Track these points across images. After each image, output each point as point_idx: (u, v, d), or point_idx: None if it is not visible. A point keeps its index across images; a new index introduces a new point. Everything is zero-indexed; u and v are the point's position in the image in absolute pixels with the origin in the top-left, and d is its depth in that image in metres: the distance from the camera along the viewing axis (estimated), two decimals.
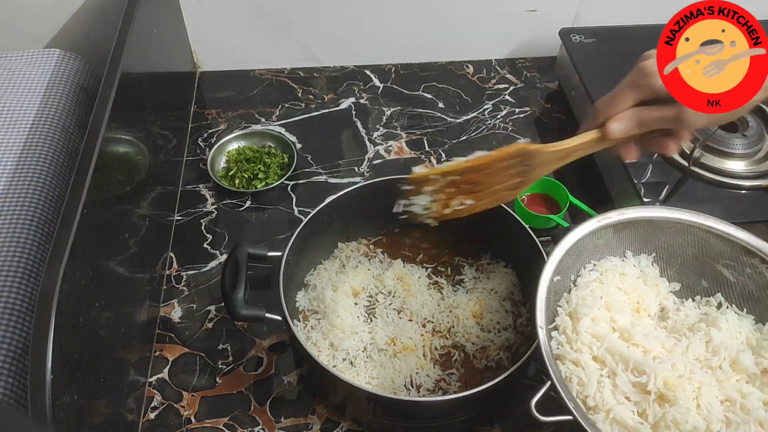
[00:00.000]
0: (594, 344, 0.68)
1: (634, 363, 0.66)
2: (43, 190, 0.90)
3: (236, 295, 0.79)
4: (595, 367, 0.67)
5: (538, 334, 0.65)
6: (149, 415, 0.83)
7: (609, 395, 0.65)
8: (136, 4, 0.95)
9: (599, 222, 0.75)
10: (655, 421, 0.63)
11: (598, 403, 0.65)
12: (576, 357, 0.67)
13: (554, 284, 0.71)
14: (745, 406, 0.64)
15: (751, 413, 0.64)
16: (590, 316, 0.71)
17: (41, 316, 0.60)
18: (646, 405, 0.64)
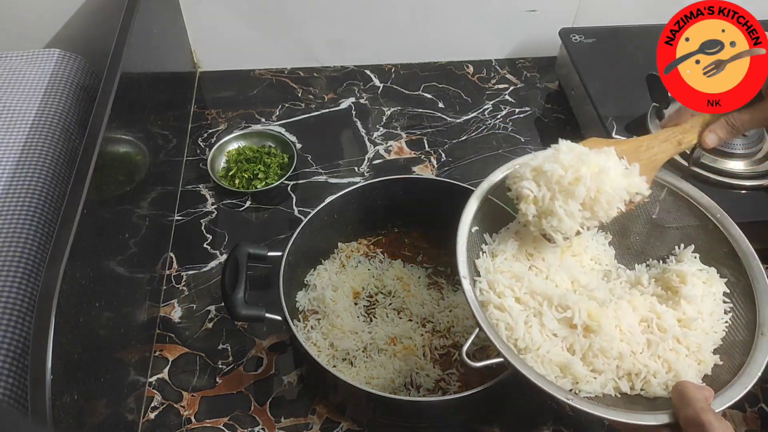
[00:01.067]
0: (515, 286, 0.69)
1: (558, 300, 0.68)
2: (43, 190, 0.90)
3: (236, 295, 0.79)
4: (519, 309, 0.68)
5: (462, 283, 0.67)
6: (149, 415, 0.83)
7: (537, 335, 0.66)
8: (136, 4, 0.95)
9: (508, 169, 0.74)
10: (583, 353, 0.65)
11: (528, 344, 0.66)
12: (500, 302, 0.68)
13: (473, 235, 0.72)
14: (662, 325, 0.67)
15: (668, 331, 0.66)
16: (509, 253, 0.72)
17: (41, 316, 0.60)
18: (573, 339, 0.66)
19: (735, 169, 0.96)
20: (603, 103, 1.08)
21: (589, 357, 0.65)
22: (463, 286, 0.67)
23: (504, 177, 0.74)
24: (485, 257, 0.72)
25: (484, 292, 0.69)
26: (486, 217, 0.74)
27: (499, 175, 0.74)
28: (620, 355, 0.65)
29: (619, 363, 0.65)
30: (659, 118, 1.04)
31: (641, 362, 0.65)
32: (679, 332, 0.66)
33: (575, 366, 0.64)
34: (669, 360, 0.65)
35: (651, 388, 0.65)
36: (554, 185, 0.66)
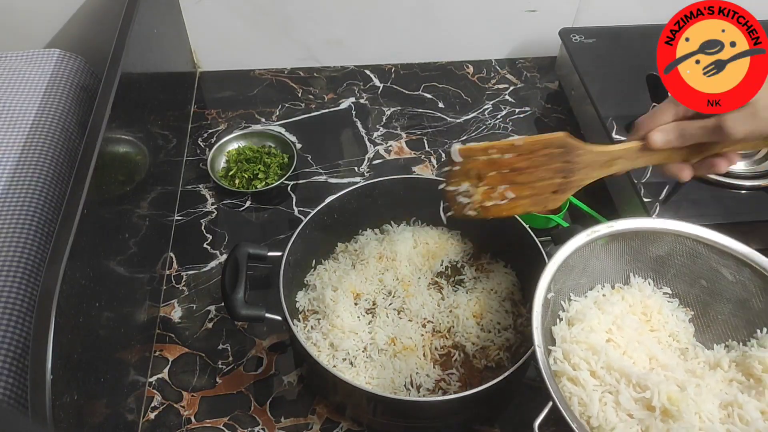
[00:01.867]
0: (591, 358, 0.67)
1: (636, 378, 0.65)
2: (43, 190, 0.90)
3: (236, 295, 0.79)
4: (594, 384, 0.66)
5: (536, 353, 0.65)
6: (149, 415, 0.83)
7: (612, 414, 0.64)
8: (136, 4, 0.95)
9: (589, 236, 0.74)
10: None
11: (602, 423, 0.63)
12: (575, 375, 0.66)
13: (548, 301, 0.70)
14: (743, 416, 0.64)
15: (751, 424, 0.63)
16: (587, 323, 0.70)
17: (41, 316, 0.60)
18: (650, 422, 0.63)
19: (735, 170, 0.96)
20: (603, 103, 1.08)
21: None
22: (537, 354, 0.64)
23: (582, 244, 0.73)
24: (562, 324, 0.70)
25: (558, 362, 0.67)
26: (564, 284, 0.73)
27: (579, 242, 0.73)
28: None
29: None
30: None
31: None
32: (762, 426, 0.63)
33: None
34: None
35: None
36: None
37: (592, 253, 0.75)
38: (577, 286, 0.76)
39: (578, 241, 0.73)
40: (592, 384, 0.66)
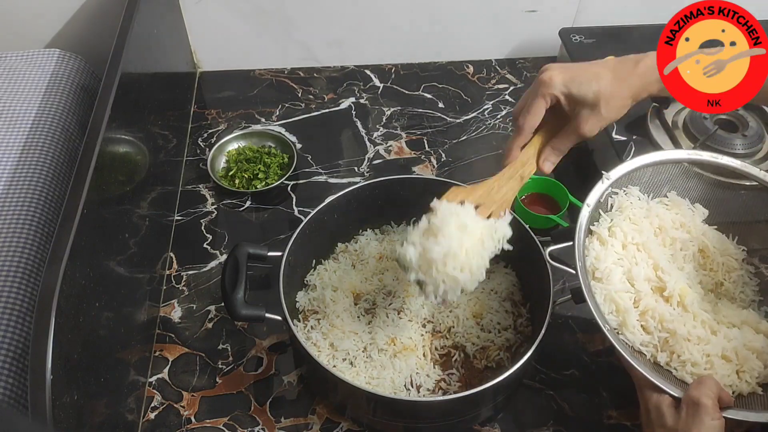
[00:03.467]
0: (630, 234, 0.77)
1: (662, 264, 0.74)
2: (43, 190, 0.90)
3: (236, 295, 0.79)
4: (617, 249, 0.77)
5: (583, 210, 0.76)
6: (149, 415, 0.83)
7: (617, 276, 0.74)
8: (136, 4, 0.95)
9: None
10: (642, 311, 0.72)
11: (604, 276, 0.74)
12: (605, 237, 0.77)
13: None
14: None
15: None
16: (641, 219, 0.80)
17: (41, 316, 0.60)
18: (645, 296, 0.73)
19: None
20: None
21: (646, 315, 0.71)
22: (583, 211, 0.77)
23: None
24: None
25: (598, 224, 0.79)
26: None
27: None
28: (673, 332, 0.70)
29: (669, 337, 0.70)
30: (659, 118, 1.04)
31: (689, 350, 0.69)
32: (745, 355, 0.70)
33: (630, 315, 0.71)
34: (715, 365, 0.69)
35: (681, 373, 0.69)
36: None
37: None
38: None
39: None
40: (616, 247, 0.77)
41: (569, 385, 0.87)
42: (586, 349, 0.90)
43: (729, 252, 0.82)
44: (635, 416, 0.83)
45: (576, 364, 0.89)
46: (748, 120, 1.01)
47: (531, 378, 0.87)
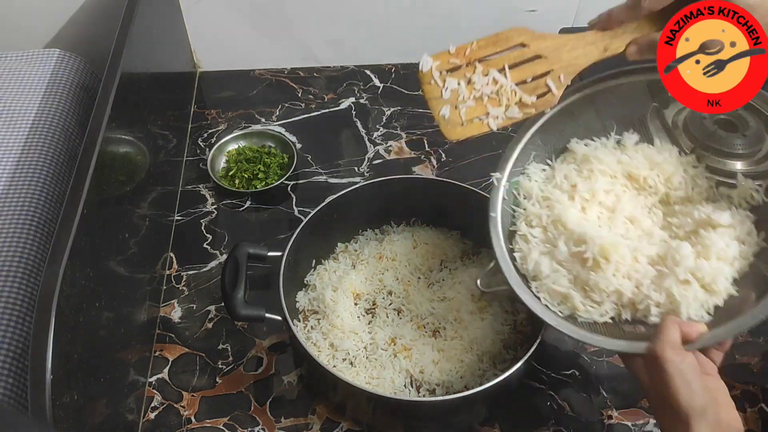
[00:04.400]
0: (545, 215, 0.74)
1: (578, 234, 0.70)
2: (43, 190, 0.90)
3: (236, 295, 0.79)
4: (539, 236, 0.74)
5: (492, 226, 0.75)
6: (149, 415, 0.83)
7: (545, 265, 0.71)
8: (136, 4, 0.95)
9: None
10: (582, 287, 0.69)
11: (536, 272, 0.72)
12: (526, 230, 0.75)
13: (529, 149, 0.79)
14: (675, 257, 0.68)
15: (681, 264, 0.67)
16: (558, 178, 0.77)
17: (41, 316, 0.60)
18: (577, 272, 0.70)
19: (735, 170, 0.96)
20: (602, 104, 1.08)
21: (588, 291, 0.69)
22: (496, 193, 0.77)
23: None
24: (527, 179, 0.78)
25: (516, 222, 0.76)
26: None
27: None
28: (618, 292, 0.68)
29: (617, 299, 0.68)
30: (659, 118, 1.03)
31: (645, 293, 0.67)
32: (692, 265, 0.67)
33: (575, 299, 0.69)
34: (672, 293, 0.66)
35: (651, 318, 0.67)
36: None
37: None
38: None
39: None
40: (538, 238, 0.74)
41: (569, 384, 0.87)
42: (586, 349, 0.90)
43: (654, 161, 0.79)
44: (636, 416, 0.84)
45: (576, 363, 0.89)
46: (748, 120, 1.01)
47: (531, 378, 0.87)
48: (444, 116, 0.69)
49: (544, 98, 0.68)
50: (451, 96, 0.69)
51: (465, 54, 0.69)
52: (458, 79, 0.69)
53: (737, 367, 0.89)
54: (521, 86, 0.67)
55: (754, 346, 0.91)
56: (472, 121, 0.68)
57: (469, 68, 0.68)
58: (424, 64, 0.71)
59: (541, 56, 0.67)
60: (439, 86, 0.70)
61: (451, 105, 0.69)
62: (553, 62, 0.67)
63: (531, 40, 0.67)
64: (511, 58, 0.67)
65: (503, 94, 0.67)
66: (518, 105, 0.67)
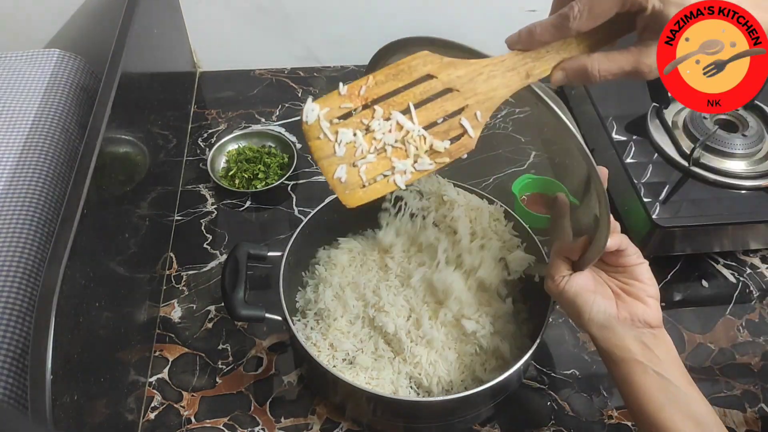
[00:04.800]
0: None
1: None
2: (43, 190, 0.90)
3: (236, 295, 0.79)
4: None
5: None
6: (149, 415, 0.83)
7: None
8: (136, 4, 0.95)
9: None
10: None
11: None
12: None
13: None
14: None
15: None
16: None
17: (41, 316, 0.60)
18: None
19: (735, 169, 0.96)
20: (603, 103, 1.08)
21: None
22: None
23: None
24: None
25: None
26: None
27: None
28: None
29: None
30: (659, 118, 1.04)
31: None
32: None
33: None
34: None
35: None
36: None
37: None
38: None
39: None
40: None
41: (569, 384, 0.87)
42: (587, 349, 0.90)
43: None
44: None
45: (576, 363, 0.89)
46: (748, 120, 1.01)
47: (531, 378, 0.87)
48: (340, 179, 0.56)
49: (459, 142, 0.57)
50: (347, 152, 0.56)
51: (359, 94, 0.56)
52: (354, 129, 0.56)
53: (737, 366, 0.89)
54: (431, 129, 0.56)
55: (755, 346, 0.91)
56: (374, 180, 0.56)
57: (366, 112, 0.56)
58: (309, 113, 0.56)
59: (452, 89, 0.56)
60: (331, 141, 0.56)
61: (348, 164, 0.56)
62: (467, 96, 0.56)
63: (439, 69, 0.56)
64: (417, 94, 0.56)
65: (410, 142, 0.56)
66: (429, 154, 0.57)
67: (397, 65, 0.56)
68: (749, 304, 0.96)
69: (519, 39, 0.59)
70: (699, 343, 0.92)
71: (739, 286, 0.98)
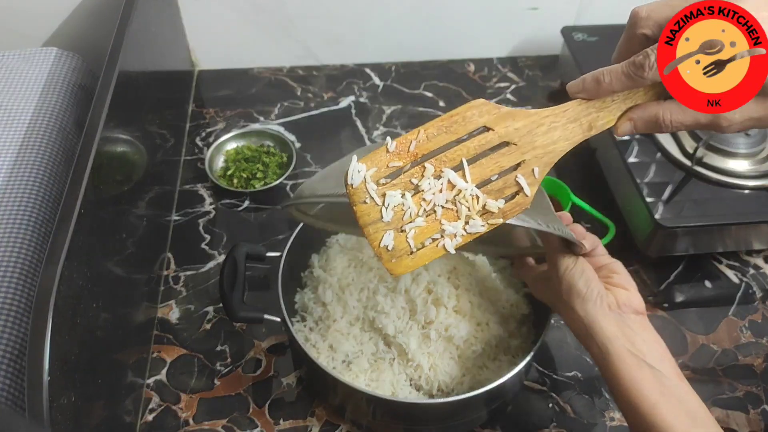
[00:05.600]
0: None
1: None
2: (40, 190, 0.90)
3: (234, 296, 0.78)
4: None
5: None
6: (147, 417, 0.83)
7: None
8: (133, 2, 0.94)
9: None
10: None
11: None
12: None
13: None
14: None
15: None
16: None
17: (38, 317, 0.60)
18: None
19: (738, 169, 0.96)
20: None
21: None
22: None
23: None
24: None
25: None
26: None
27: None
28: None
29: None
30: None
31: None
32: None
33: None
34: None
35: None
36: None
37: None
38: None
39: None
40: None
41: (571, 386, 0.87)
42: None
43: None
44: None
45: (578, 365, 0.88)
46: None
47: (533, 380, 0.87)
48: (386, 247, 0.52)
49: (514, 201, 0.53)
50: (395, 216, 0.51)
51: (409, 150, 0.53)
52: (402, 190, 0.52)
53: (740, 367, 0.89)
54: (485, 188, 0.52)
55: (758, 347, 0.91)
56: (422, 245, 0.52)
57: (415, 170, 0.52)
58: (355, 175, 0.51)
59: (509, 143, 0.52)
60: (378, 205, 0.51)
61: (396, 229, 0.52)
62: (524, 150, 0.52)
63: (496, 121, 0.52)
64: (471, 148, 0.52)
65: (462, 203, 0.52)
66: (481, 214, 0.52)
67: (451, 116, 0.53)
68: (752, 304, 0.96)
69: (583, 87, 0.54)
70: (702, 344, 0.91)
71: (742, 287, 0.98)
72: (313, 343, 0.83)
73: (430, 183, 0.52)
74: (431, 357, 0.82)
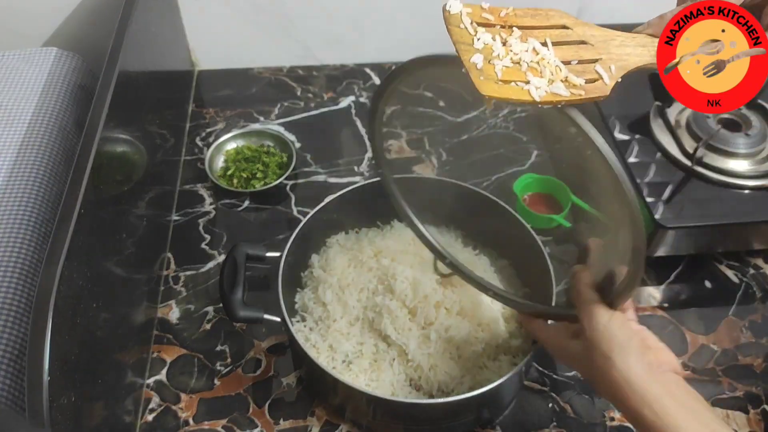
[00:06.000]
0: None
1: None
2: (40, 190, 0.90)
3: (234, 296, 0.78)
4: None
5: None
6: (147, 417, 0.83)
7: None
8: (134, 2, 0.94)
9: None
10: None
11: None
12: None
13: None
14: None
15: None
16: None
17: (38, 317, 0.60)
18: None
19: (738, 169, 0.96)
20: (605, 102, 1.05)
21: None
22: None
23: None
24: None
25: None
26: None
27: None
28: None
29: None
30: (662, 117, 1.03)
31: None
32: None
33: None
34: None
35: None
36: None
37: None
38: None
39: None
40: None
41: (571, 386, 0.87)
42: None
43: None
44: None
45: None
46: (752, 119, 1.01)
47: (532, 379, 0.87)
48: (476, 65, 0.54)
49: (595, 84, 0.55)
50: (485, 49, 0.54)
51: (499, 15, 0.56)
52: (493, 34, 0.55)
53: (740, 368, 0.89)
54: (566, 66, 0.55)
55: (758, 347, 0.91)
56: (509, 83, 0.53)
57: (505, 30, 0.55)
58: (453, 4, 0.56)
59: (586, 43, 0.56)
60: (471, 34, 0.55)
61: (485, 58, 0.54)
62: (601, 52, 0.57)
63: (575, 24, 0.57)
64: (553, 35, 0.56)
65: (546, 67, 0.54)
66: (565, 83, 0.54)
67: (536, 10, 0.56)
68: (752, 304, 0.96)
69: (648, 25, 0.61)
70: (702, 344, 0.91)
71: (742, 287, 0.98)
72: (313, 343, 0.82)
73: (517, 43, 0.54)
74: (431, 357, 0.82)
